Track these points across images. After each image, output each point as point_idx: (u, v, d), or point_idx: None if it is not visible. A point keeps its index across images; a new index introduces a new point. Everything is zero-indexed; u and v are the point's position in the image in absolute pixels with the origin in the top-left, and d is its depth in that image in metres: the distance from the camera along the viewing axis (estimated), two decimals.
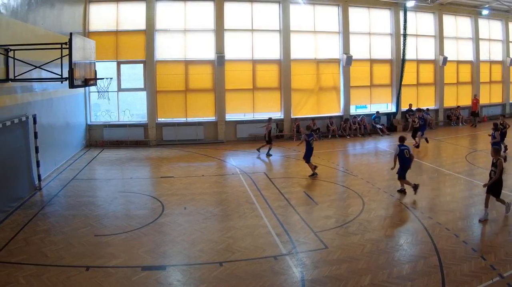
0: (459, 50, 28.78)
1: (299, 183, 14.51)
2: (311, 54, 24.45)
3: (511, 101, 31.16)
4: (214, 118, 22.88)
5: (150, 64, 21.89)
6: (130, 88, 22.24)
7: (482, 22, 29.22)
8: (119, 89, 21.87)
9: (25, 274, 7.74)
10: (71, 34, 11.59)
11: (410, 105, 26.25)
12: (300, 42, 24.07)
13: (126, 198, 12.87)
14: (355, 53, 24.72)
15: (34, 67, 12.26)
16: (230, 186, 14.60)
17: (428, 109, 26.66)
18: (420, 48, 27.30)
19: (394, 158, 12.71)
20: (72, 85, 11.80)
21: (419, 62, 27.42)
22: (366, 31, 25.57)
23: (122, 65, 22.00)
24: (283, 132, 23.30)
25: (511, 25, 30.45)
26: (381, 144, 22.18)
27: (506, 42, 30.46)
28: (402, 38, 25.80)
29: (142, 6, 21.72)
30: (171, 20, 22.27)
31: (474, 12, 28.50)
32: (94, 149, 20.73)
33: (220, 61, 22.26)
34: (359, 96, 25.74)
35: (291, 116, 23.82)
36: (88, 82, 13.62)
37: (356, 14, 25.07)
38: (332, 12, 24.68)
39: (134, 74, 22.29)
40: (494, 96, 30.77)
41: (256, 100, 23.58)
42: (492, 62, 30.28)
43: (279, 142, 21.90)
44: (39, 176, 13.58)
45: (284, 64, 23.59)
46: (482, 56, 29.50)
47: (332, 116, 24.48)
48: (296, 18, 23.76)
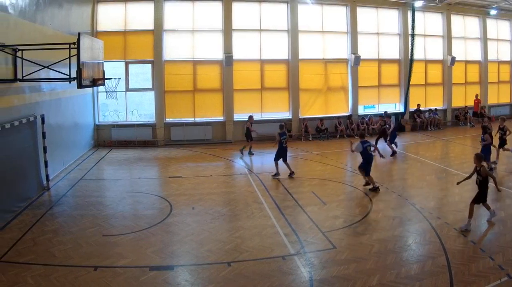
0: (467, 50, 28.57)
1: (308, 183, 14.45)
2: (319, 54, 24.37)
3: None
4: (222, 118, 22.91)
5: (158, 64, 21.93)
6: (138, 88, 22.31)
7: (490, 22, 28.99)
8: (127, 89, 21.93)
9: (33, 274, 7.76)
10: (79, 34, 11.59)
11: (419, 105, 26.13)
12: (308, 42, 23.99)
13: (134, 198, 12.90)
14: (363, 53, 24.59)
15: (42, 67, 12.28)
16: (238, 186, 14.59)
17: (436, 109, 26.67)
18: (428, 48, 27.10)
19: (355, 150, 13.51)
20: (80, 85, 11.79)
21: (427, 62, 27.25)
22: (374, 31, 25.44)
23: (130, 65, 22.07)
24: (291, 132, 23.25)
25: None
26: None
27: None
28: (410, 38, 25.60)
29: (150, 6, 21.77)
30: (179, 20, 22.29)
31: (482, 12, 28.28)
32: (102, 148, 20.80)
33: (228, 61, 22.26)
34: (367, 96, 25.62)
35: (299, 116, 23.78)
36: (96, 82, 13.61)
37: (364, 14, 24.96)
38: (340, 12, 24.60)
39: (142, 74, 22.37)
40: (503, 96, 30.54)
41: (264, 101, 23.56)
42: (500, 62, 30.01)
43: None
44: (47, 176, 13.62)
45: (292, 64, 23.54)
46: (490, 56, 29.27)
47: (340, 116, 24.38)
48: (304, 18, 23.69)
